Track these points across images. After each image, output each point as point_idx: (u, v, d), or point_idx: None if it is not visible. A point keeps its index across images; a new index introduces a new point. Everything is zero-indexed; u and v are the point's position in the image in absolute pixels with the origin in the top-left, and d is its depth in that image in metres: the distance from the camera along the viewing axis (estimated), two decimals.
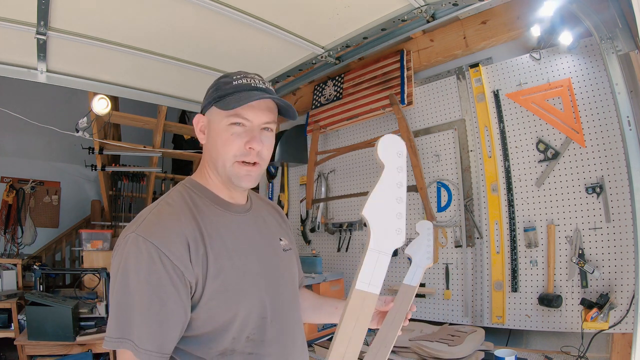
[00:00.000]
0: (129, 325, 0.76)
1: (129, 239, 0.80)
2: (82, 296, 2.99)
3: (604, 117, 1.68)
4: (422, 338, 1.83)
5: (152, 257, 0.77)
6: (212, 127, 0.91)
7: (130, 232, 0.81)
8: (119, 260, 0.80)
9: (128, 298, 0.77)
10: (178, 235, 0.81)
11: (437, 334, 1.87)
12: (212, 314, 0.83)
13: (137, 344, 0.75)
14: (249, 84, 0.90)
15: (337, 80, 2.74)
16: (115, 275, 0.79)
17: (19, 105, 3.32)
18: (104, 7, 1.80)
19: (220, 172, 0.91)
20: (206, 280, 0.82)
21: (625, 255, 1.59)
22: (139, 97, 2.81)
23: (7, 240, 4.70)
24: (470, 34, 2.11)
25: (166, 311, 0.77)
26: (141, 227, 0.81)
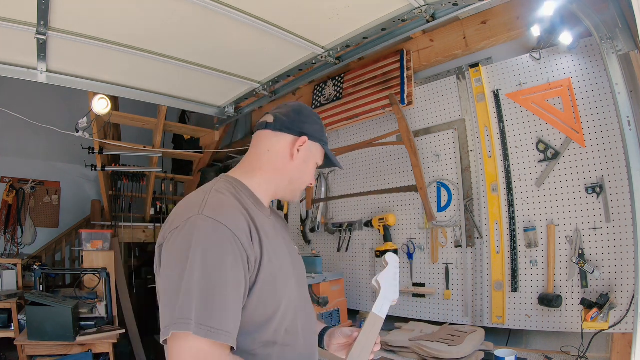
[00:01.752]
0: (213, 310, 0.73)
1: (197, 220, 0.79)
2: (82, 296, 2.99)
3: (604, 117, 1.68)
4: (422, 338, 1.83)
5: (227, 238, 0.78)
6: (310, 157, 1.06)
7: (194, 213, 0.81)
8: (188, 240, 0.77)
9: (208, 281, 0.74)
10: (241, 218, 0.84)
11: (437, 334, 1.87)
12: (262, 301, 0.85)
13: (216, 326, 0.72)
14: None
15: (337, 80, 2.74)
16: (185, 255, 0.76)
17: (19, 105, 3.31)
18: (103, 7, 1.81)
19: (290, 187, 1.05)
20: (260, 267, 0.85)
21: (625, 255, 1.59)
22: (139, 97, 2.81)
23: (7, 240, 4.69)
24: (470, 34, 2.11)
25: (237, 294, 0.78)
26: (206, 209, 0.81)
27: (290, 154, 1.01)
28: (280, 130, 1.01)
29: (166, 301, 0.75)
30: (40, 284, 2.94)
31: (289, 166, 1.02)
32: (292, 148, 1.01)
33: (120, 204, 4.28)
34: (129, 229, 4.33)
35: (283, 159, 1.01)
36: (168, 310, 0.74)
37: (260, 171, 1.01)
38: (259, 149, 1.03)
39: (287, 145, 1.01)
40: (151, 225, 4.57)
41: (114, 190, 4.31)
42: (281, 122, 1.02)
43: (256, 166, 1.01)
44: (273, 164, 1.01)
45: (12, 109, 2.81)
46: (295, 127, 1.02)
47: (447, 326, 2.02)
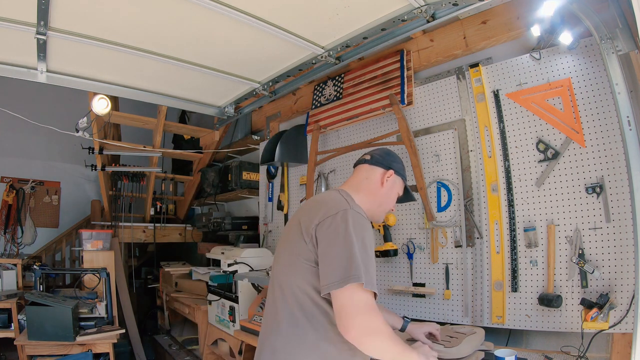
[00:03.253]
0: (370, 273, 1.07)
1: (352, 212, 1.15)
2: (82, 296, 2.99)
3: (604, 117, 1.68)
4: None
5: (369, 227, 1.18)
6: (393, 188, 1.43)
7: (347, 207, 1.16)
8: (348, 223, 1.11)
9: (366, 253, 1.09)
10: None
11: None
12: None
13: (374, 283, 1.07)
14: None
15: (337, 80, 2.74)
16: (347, 233, 1.09)
17: (19, 105, 3.31)
18: (104, 7, 1.81)
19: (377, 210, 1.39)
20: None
21: (625, 255, 1.59)
22: (139, 97, 2.82)
23: (7, 240, 4.69)
24: (470, 34, 2.11)
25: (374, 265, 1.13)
26: (354, 207, 1.18)
27: (381, 182, 1.38)
28: (375, 164, 1.41)
29: (335, 264, 1.07)
30: (40, 284, 2.94)
31: (380, 191, 1.38)
32: (382, 178, 1.39)
33: (120, 204, 4.28)
34: (129, 229, 4.33)
35: (376, 185, 1.38)
36: (339, 269, 1.05)
37: (362, 192, 1.36)
38: (359, 177, 1.41)
39: (379, 176, 1.39)
40: (151, 225, 4.57)
41: (114, 190, 4.31)
42: (376, 159, 1.42)
43: (361, 188, 1.37)
44: (369, 188, 1.38)
45: (12, 109, 2.81)
46: (386, 163, 1.41)
47: (447, 327, 2.02)
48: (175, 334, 4.10)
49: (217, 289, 2.90)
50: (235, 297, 2.66)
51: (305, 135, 2.97)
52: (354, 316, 1.01)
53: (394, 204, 1.45)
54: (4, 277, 3.25)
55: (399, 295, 2.33)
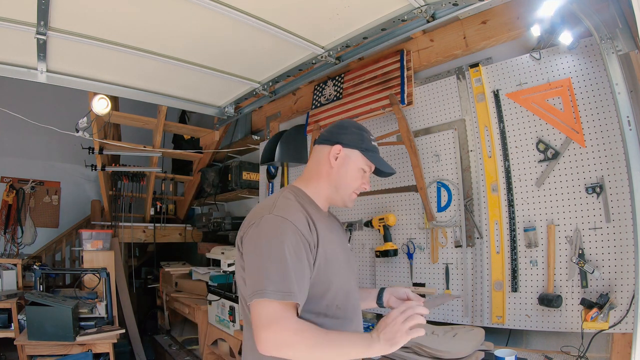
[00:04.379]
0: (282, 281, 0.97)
1: (268, 218, 1.05)
2: (82, 296, 2.99)
3: (604, 117, 1.68)
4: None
5: (290, 230, 1.03)
6: (349, 163, 1.22)
7: (265, 213, 1.06)
8: (261, 233, 1.03)
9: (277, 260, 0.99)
10: (301, 215, 1.08)
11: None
12: (315, 282, 1.07)
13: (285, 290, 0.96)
14: (378, 148, 1.29)
15: (337, 80, 2.74)
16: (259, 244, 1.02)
17: (19, 105, 3.31)
18: (104, 7, 1.81)
19: (339, 193, 1.23)
20: (317, 252, 1.08)
21: (625, 255, 1.59)
22: (139, 97, 2.82)
23: (7, 240, 4.69)
24: (470, 34, 2.11)
25: (302, 268, 1.02)
26: (275, 210, 1.07)
27: (328, 162, 1.21)
28: (322, 142, 1.24)
29: (250, 278, 1.02)
30: (40, 284, 2.94)
31: (331, 173, 1.22)
32: (328, 157, 1.21)
33: (120, 204, 4.28)
34: (129, 229, 4.33)
35: (325, 167, 1.22)
36: (250, 284, 1.00)
37: (313, 180, 1.23)
38: (310, 163, 1.27)
39: (326, 155, 1.22)
40: (151, 225, 4.57)
41: (114, 190, 4.31)
42: (322, 136, 1.25)
43: (310, 176, 1.24)
44: (319, 173, 1.23)
45: (12, 109, 2.81)
46: (332, 139, 1.22)
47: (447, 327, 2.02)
48: (175, 334, 4.10)
49: (217, 289, 2.90)
50: (235, 297, 2.66)
51: (305, 135, 2.97)
52: (260, 331, 0.95)
53: (360, 182, 1.24)
54: (4, 277, 3.25)
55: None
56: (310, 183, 1.23)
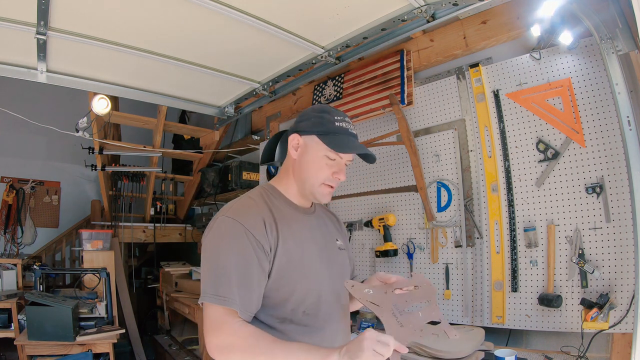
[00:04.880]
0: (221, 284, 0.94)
1: (221, 221, 1.01)
2: (82, 296, 2.99)
3: (604, 117, 1.68)
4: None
5: (239, 233, 0.98)
6: (310, 151, 1.10)
7: (220, 215, 1.03)
8: (212, 235, 1.01)
9: (221, 263, 0.96)
10: (257, 216, 1.02)
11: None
12: (276, 285, 1.02)
13: (226, 296, 0.93)
14: (346, 129, 1.11)
15: (337, 80, 2.74)
16: (209, 247, 1.00)
17: (19, 105, 3.31)
18: (104, 7, 1.81)
19: (306, 187, 1.11)
20: (275, 256, 1.02)
21: (625, 255, 1.59)
22: (139, 97, 2.81)
23: (7, 240, 4.69)
24: (470, 34, 2.11)
25: (250, 273, 0.97)
26: (229, 212, 1.03)
27: (293, 154, 1.13)
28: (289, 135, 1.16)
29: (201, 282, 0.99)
30: (40, 284, 2.94)
31: (295, 165, 1.13)
32: (290, 148, 1.14)
33: (120, 204, 4.28)
34: (129, 229, 4.33)
35: (290, 159, 1.15)
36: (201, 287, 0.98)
37: (283, 175, 1.17)
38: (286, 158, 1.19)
39: (289, 147, 1.14)
40: (151, 225, 4.57)
41: (114, 190, 4.31)
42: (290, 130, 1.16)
43: (281, 172, 1.18)
44: (287, 166, 1.16)
45: (12, 109, 2.81)
46: (294, 128, 1.14)
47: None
48: (175, 334, 4.10)
49: None
50: None
51: None
52: (206, 334, 0.93)
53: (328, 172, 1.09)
54: (4, 277, 3.25)
55: None
56: (282, 179, 1.16)
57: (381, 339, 0.83)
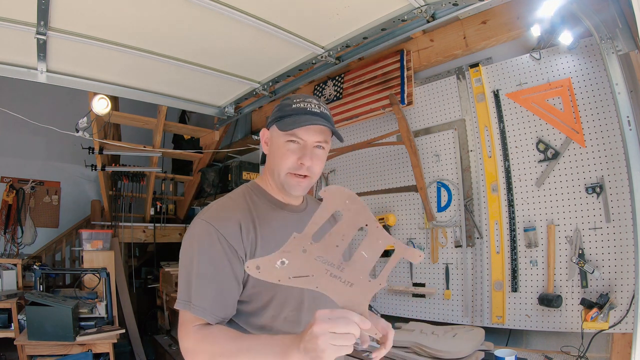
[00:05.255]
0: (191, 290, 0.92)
1: (196, 224, 0.98)
2: (82, 296, 2.99)
3: (604, 117, 1.68)
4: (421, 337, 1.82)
5: (213, 238, 0.94)
6: (273, 142, 1.06)
7: (197, 218, 1.00)
8: (186, 239, 0.98)
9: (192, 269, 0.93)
10: (233, 220, 0.98)
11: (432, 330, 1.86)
12: (255, 291, 0.98)
13: (194, 302, 0.91)
14: (304, 108, 1.03)
15: (337, 80, 2.74)
16: (182, 251, 0.98)
17: (19, 105, 3.31)
18: (104, 7, 1.81)
19: (276, 180, 1.06)
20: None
21: (625, 255, 1.59)
22: (139, 97, 2.81)
23: (7, 240, 4.69)
24: (470, 34, 2.11)
25: (220, 279, 0.93)
26: (205, 214, 0.99)
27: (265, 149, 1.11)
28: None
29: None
30: (40, 284, 2.94)
31: (268, 160, 1.10)
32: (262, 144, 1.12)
33: (120, 204, 4.28)
34: (129, 229, 4.33)
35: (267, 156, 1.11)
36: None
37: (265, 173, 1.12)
38: None
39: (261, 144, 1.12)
40: (151, 225, 4.57)
41: (114, 190, 4.31)
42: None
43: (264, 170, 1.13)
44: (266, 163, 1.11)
45: (12, 109, 2.81)
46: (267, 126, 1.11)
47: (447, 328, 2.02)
48: (175, 334, 4.10)
49: None
50: None
51: None
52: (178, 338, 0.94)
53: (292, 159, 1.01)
54: (4, 277, 3.25)
55: (399, 295, 2.33)
56: (264, 176, 1.12)
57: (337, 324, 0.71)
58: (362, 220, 0.79)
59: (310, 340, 0.71)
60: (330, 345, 0.70)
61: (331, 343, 0.70)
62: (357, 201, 0.78)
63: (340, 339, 0.71)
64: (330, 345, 0.70)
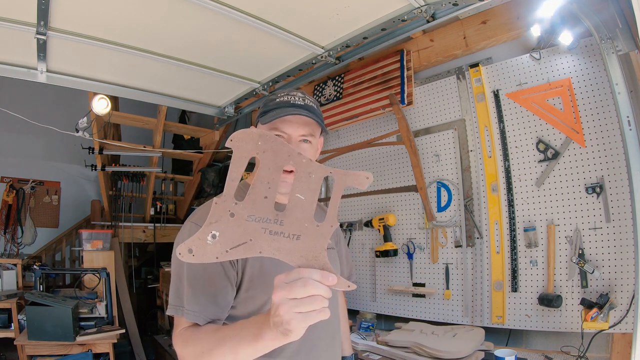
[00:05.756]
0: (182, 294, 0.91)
1: (185, 226, 0.97)
2: (82, 296, 2.99)
3: (604, 117, 1.68)
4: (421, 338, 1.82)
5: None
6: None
7: (187, 221, 0.98)
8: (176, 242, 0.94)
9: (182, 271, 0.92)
10: None
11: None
12: (250, 295, 0.95)
13: (187, 307, 0.89)
14: (287, 100, 1.00)
15: (337, 80, 2.74)
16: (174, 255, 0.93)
17: (19, 105, 3.31)
18: (104, 7, 1.80)
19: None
20: (246, 265, 0.95)
21: (625, 255, 1.59)
22: (139, 97, 2.81)
23: (7, 240, 4.69)
24: (470, 34, 2.11)
25: (213, 281, 0.91)
26: (195, 216, 0.98)
27: None
28: None
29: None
30: (40, 284, 2.94)
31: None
32: None
33: (120, 204, 4.28)
34: (129, 229, 4.33)
35: None
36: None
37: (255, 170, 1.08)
38: None
39: None
40: (151, 225, 4.57)
41: (114, 190, 4.32)
42: None
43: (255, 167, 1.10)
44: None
45: (12, 109, 2.81)
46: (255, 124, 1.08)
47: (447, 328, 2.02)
48: None
49: None
50: None
51: None
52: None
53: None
54: (4, 277, 3.25)
55: (399, 295, 2.33)
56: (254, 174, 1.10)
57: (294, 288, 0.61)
58: (284, 157, 0.66)
59: (274, 314, 0.63)
60: (295, 314, 0.60)
61: (295, 311, 0.60)
62: (271, 138, 0.67)
63: (303, 304, 0.60)
64: (294, 314, 0.60)
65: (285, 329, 0.62)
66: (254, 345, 0.70)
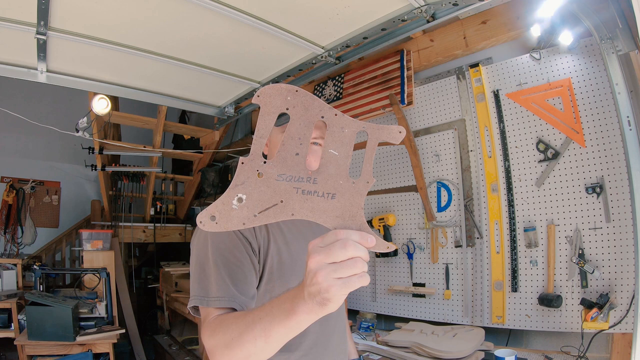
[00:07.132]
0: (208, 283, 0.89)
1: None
2: (82, 296, 2.99)
3: (604, 117, 1.68)
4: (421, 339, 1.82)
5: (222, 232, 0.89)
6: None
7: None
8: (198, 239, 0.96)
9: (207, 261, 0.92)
10: None
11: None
12: (269, 288, 0.96)
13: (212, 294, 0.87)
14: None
15: (337, 80, 2.74)
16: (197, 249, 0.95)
17: (19, 105, 3.32)
18: (104, 7, 1.80)
19: None
20: (267, 256, 0.96)
21: (625, 255, 1.59)
22: (139, 97, 2.81)
23: (7, 240, 4.69)
24: (470, 34, 2.11)
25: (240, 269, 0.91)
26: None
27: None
28: None
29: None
30: (40, 284, 2.94)
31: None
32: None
33: (120, 204, 4.28)
34: (129, 229, 4.34)
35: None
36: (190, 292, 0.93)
37: None
38: None
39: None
40: (151, 225, 4.57)
41: (114, 190, 4.32)
42: None
43: None
44: None
45: (12, 109, 2.81)
46: None
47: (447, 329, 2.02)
48: (175, 334, 4.10)
49: None
50: None
51: None
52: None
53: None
54: (4, 277, 3.25)
55: (399, 295, 2.33)
56: None
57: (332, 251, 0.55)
58: (316, 112, 0.62)
59: (311, 282, 0.56)
60: (335, 280, 0.54)
61: (334, 277, 0.54)
62: (301, 93, 0.61)
63: (343, 268, 0.54)
64: (334, 280, 0.54)
65: (324, 297, 0.55)
66: (286, 323, 0.63)
